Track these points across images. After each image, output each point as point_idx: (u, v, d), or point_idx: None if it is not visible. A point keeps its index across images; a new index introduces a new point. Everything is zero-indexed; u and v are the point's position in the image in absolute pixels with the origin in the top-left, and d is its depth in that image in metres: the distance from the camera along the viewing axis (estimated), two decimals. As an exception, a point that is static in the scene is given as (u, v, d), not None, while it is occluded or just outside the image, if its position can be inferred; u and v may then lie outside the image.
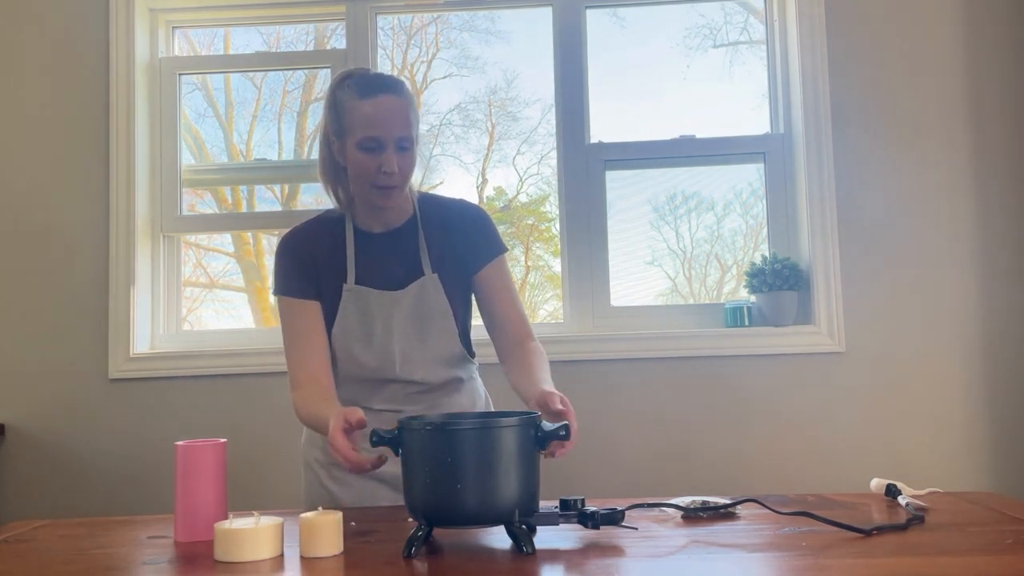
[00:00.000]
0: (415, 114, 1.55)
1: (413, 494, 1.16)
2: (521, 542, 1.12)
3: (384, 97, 1.51)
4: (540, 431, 1.17)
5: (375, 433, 1.21)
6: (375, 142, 1.50)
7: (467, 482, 1.12)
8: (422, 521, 1.15)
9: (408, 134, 1.51)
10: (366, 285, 1.58)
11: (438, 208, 1.65)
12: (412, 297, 1.58)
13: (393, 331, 1.57)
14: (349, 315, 1.58)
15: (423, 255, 1.60)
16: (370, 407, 1.61)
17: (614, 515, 1.19)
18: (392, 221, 1.62)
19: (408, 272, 1.59)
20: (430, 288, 1.58)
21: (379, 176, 1.51)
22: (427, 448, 1.14)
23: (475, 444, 1.12)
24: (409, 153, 1.53)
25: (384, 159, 1.50)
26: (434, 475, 1.13)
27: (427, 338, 1.59)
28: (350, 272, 1.59)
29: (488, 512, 1.13)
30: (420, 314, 1.58)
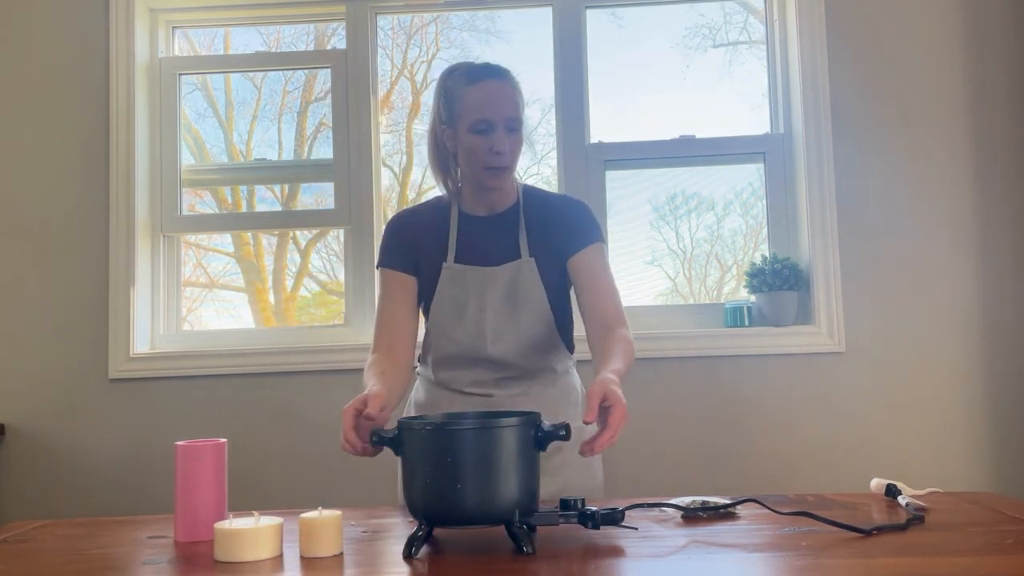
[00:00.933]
0: (521, 98, 1.61)
1: (413, 494, 1.16)
2: (521, 542, 1.12)
3: (491, 81, 1.58)
4: (540, 431, 1.17)
5: (375, 433, 1.22)
6: (486, 123, 1.55)
7: (467, 482, 1.12)
8: (422, 521, 1.15)
9: (516, 115, 1.57)
10: (465, 263, 1.62)
11: (541, 198, 1.69)
12: (507, 276, 1.61)
13: (486, 308, 1.60)
14: (445, 292, 1.62)
15: (522, 239, 1.63)
16: (461, 389, 1.65)
17: (614, 515, 1.19)
18: (497, 206, 1.66)
19: (506, 253, 1.63)
20: (525, 271, 1.61)
21: (491, 157, 1.56)
22: (427, 448, 1.14)
23: (474, 444, 1.12)
24: (517, 134, 1.58)
25: (495, 140, 1.55)
26: (434, 475, 1.13)
27: (520, 320, 1.61)
28: (451, 251, 1.63)
29: (488, 512, 1.13)
30: (514, 295, 1.61)
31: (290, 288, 2.80)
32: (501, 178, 1.59)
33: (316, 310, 2.83)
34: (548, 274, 1.63)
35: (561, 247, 1.64)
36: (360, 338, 2.57)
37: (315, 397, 2.49)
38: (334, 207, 2.65)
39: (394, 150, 2.76)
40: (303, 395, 2.50)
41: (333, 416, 2.49)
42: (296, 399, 2.50)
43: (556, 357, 1.67)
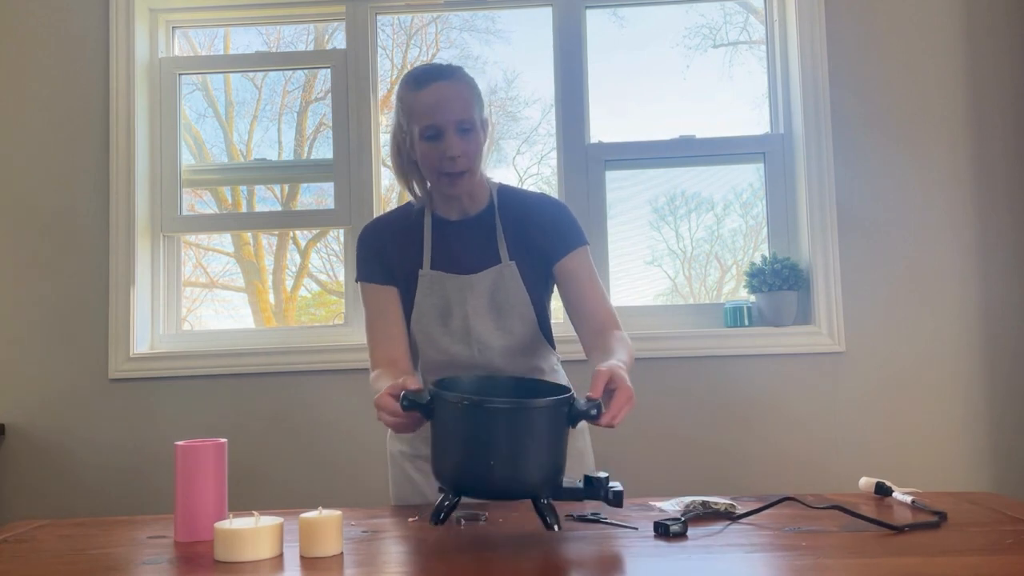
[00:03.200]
0: (476, 97, 1.55)
1: (443, 463, 1.17)
2: (548, 518, 1.14)
3: (437, 84, 1.52)
4: (573, 410, 1.17)
5: (406, 396, 1.21)
6: (434, 129, 1.51)
7: (499, 458, 1.13)
8: (450, 490, 1.16)
9: (467, 116, 1.52)
10: (442, 270, 1.59)
11: (517, 200, 1.65)
12: (488, 283, 1.58)
13: (469, 316, 1.58)
14: (426, 299, 1.59)
15: (500, 243, 1.60)
16: None
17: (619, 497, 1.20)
18: (469, 209, 1.62)
19: (484, 259, 1.60)
20: (507, 276, 1.58)
21: (444, 163, 1.52)
22: (461, 422, 1.14)
23: (510, 423, 1.13)
24: (472, 135, 1.53)
25: (447, 145, 1.51)
26: (467, 448, 1.14)
27: (505, 326, 1.59)
28: (426, 258, 1.60)
29: (517, 487, 1.14)
30: (497, 301, 1.58)
31: (290, 288, 2.80)
32: (459, 183, 1.54)
33: (316, 310, 2.83)
34: (529, 277, 1.60)
35: (544, 251, 1.61)
36: (360, 338, 2.56)
37: (315, 397, 2.50)
38: (334, 207, 2.65)
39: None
40: (303, 395, 2.50)
41: (333, 416, 2.50)
42: (296, 399, 2.50)
43: (542, 356, 1.66)
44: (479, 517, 1.37)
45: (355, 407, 2.49)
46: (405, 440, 1.68)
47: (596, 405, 1.18)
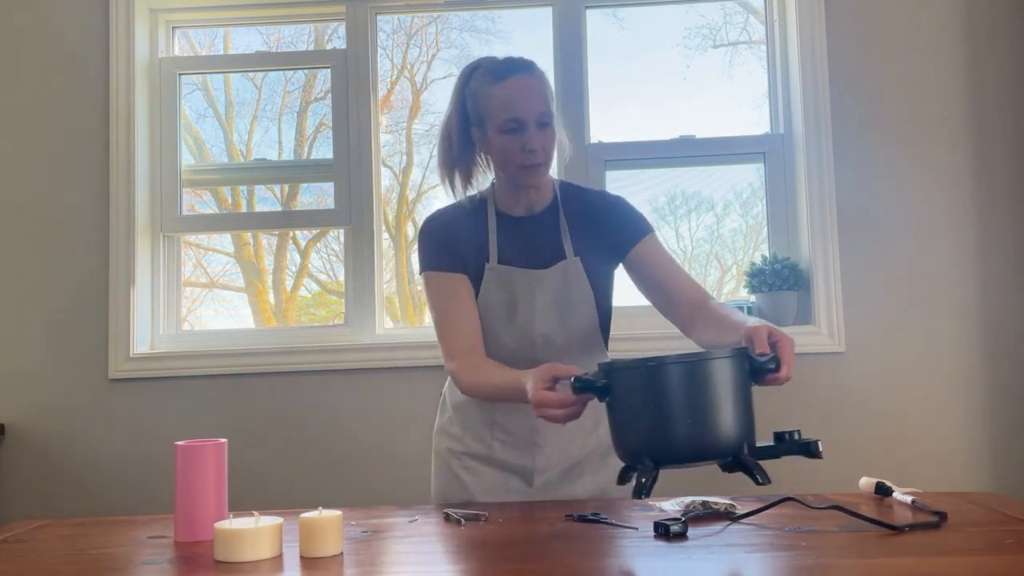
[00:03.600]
0: (550, 91, 1.56)
1: (633, 437, 1.14)
2: (758, 475, 1.11)
3: (517, 77, 1.52)
4: (753, 363, 1.16)
5: (578, 380, 1.19)
6: (516, 122, 1.51)
7: (698, 417, 1.11)
8: (647, 462, 1.12)
9: (546, 110, 1.52)
10: (509, 265, 1.58)
11: (578, 195, 1.65)
12: (556, 279, 1.57)
13: (535, 312, 1.57)
14: (491, 294, 1.58)
15: (565, 240, 1.59)
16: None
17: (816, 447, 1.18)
18: (535, 205, 1.61)
19: (551, 255, 1.59)
20: (573, 272, 1.58)
21: (524, 156, 1.52)
22: (649, 388, 1.12)
23: (702, 378, 1.11)
24: (549, 129, 1.53)
25: (527, 138, 1.51)
26: (660, 413, 1.11)
27: (569, 323, 1.58)
28: (492, 252, 1.59)
29: (719, 446, 1.12)
30: (563, 298, 1.57)
31: (290, 288, 2.80)
32: (537, 176, 1.55)
33: (316, 310, 2.83)
34: (593, 274, 1.59)
35: (611, 245, 1.60)
36: (360, 338, 2.57)
37: (315, 397, 2.49)
38: (334, 207, 2.65)
39: (394, 150, 2.76)
40: (303, 395, 2.50)
41: (333, 416, 2.50)
42: (296, 399, 2.50)
43: (598, 358, 1.64)
44: (479, 517, 1.37)
45: (355, 407, 2.49)
46: (455, 437, 1.66)
47: (773, 359, 1.16)
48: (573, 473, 1.62)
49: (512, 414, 1.60)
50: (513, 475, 1.62)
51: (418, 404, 2.48)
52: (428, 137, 2.76)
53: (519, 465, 1.61)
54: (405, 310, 2.74)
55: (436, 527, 1.32)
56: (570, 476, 1.62)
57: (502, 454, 1.61)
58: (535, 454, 1.60)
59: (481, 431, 1.63)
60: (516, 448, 1.61)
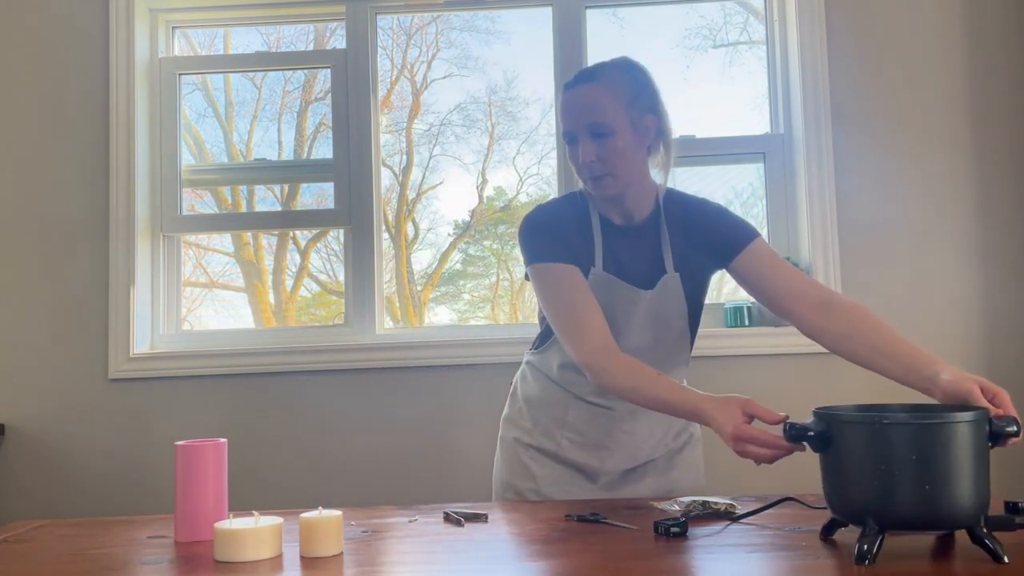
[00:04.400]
0: (619, 98, 1.48)
1: (858, 496, 1.07)
2: (997, 548, 1.03)
3: (579, 87, 1.50)
4: (994, 427, 1.08)
5: (792, 427, 1.14)
6: (569, 135, 1.51)
7: (935, 484, 1.03)
8: (871, 525, 1.05)
9: (599, 120, 1.47)
10: (612, 274, 1.55)
11: (681, 205, 1.60)
12: (656, 296, 1.55)
13: (632, 326, 1.55)
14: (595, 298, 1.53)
15: (666, 252, 1.57)
16: (582, 396, 1.60)
17: None
18: (634, 214, 1.57)
19: (652, 270, 1.56)
20: (671, 288, 1.55)
21: (582, 168, 1.51)
22: (881, 447, 1.05)
23: (942, 442, 1.03)
24: (608, 140, 1.47)
25: (581, 149, 1.49)
26: (894, 477, 1.04)
27: (661, 339, 1.57)
28: (598, 256, 1.56)
29: (955, 516, 1.04)
30: (659, 313, 1.56)
31: (290, 288, 2.80)
32: (602, 187, 1.50)
33: (316, 310, 2.83)
34: (690, 286, 1.57)
35: (713, 253, 1.56)
36: (360, 338, 2.57)
37: (315, 397, 2.49)
38: (334, 207, 2.65)
39: (394, 150, 2.76)
40: (303, 395, 2.50)
41: (333, 416, 2.50)
42: (296, 399, 2.50)
43: (677, 373, 1.63)
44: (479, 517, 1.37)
45: (355, 407, 2.49)
46: (525, 429, 1.65)
47: (1013, 421, 1.09)
48: (637, 473, 1.62)
49: (585, 416, 1.60)
50: (579, 472, 1.62)
51: (418, 404, 2.48)
52: (428, 137, 2.76)
53: (585, 464, 1.61)
54: (405, 310, 2.74)
55: (436, 527, 1.32)
56: (634, 476, 1.62)
57: (570, 452, 1.61)
58: (603, 457, 1.61)
59: (551, 428, 1.63)
60: (585, 449, 1.61)
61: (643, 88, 1.54)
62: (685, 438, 1.68)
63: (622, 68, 1.54)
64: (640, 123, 1.50)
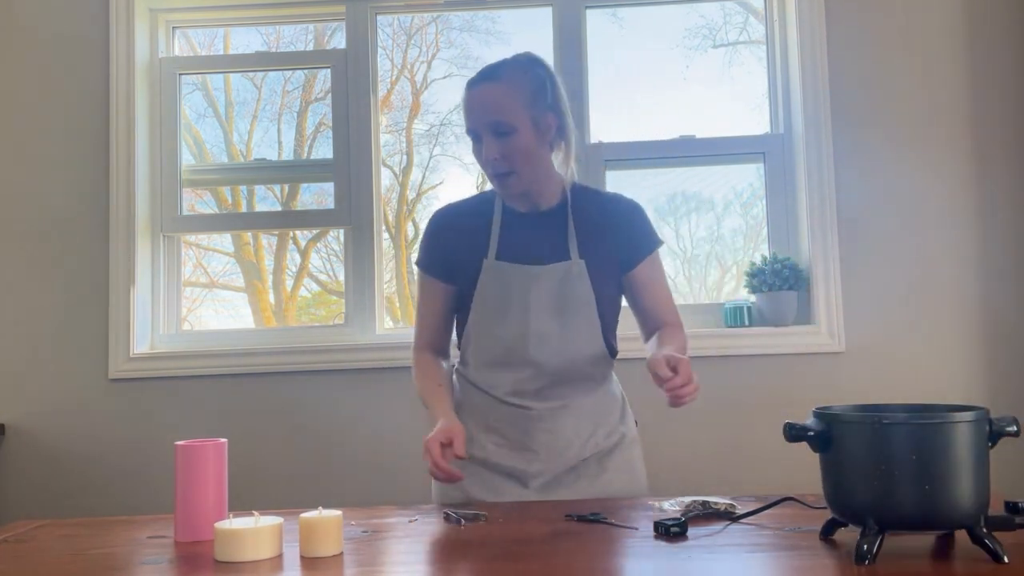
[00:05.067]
0: (520, 97, 1.51)
1: (859, 497, 1.07)
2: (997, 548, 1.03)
3: (481, 86, 1.54)
4: (994, 426, 1.08)
5: (792, 427, 1.12)
6: (472, 133, 1.55)
7: (935, 484, 1.03)
8: (871, 525, 1.05)
9: (502, 119, 1.50)
10: (508, 261, 1.58)
11: (593, 199, 1.65)
12: (554, 278, 1.56)
13: (531, 308, 1.56)
14: (487, 290, 1.58)
15: (570, 240, 1.59)
16: (500, 397, 1.61)
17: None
18: (540, 204, 1.61)
19: (553, 253, 1.59)
20: (574, 273, 1.56)
21: (487, 165, 1.54)
22: (881, 447, 1.05)
23: (943, 442, 1.03)
24: (511, 138, 1.51)
25: (484, 148, 1.53)
26: (892, 475, 1.04)
27: (566, 325, 1.57)
28: (492, 248, 1.59)
29: (955, 516, 1.04)
30: (561, 298, 1.56)
31: (290, 288, 2.80)
32: (507, 185, 1.55)
33: (316, 310, 2.83)
34: (598, 278, 1.58)
35: (618, 256, 1.61)
36: (360, 338, 2.57)
37: (315, 397, 2.49)
38: (334, 207, 2.65)
39: (394, 150, 2.76)
40: (303, 395, 2.50)
41: (333, 416, 2.50)
42: (296, 399, 2.50)
43: (597, 365, 1.63)
44: (479, 517, 1.37)
45: (355, 407, 2.49)
46: None
47: (1013, 420, 1.08)
48: (569, 478, 1.61)
49: (506, 418, 1.60)
50: (509, 479, 1.61)
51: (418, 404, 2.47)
52: (428, 137, 2.76)
53: (513, 467, 1.60)
54: (405, 310, 2.74)
55: (436, 527, 1.32)
56: (566, 481, 1.61)
57: (497, 457, 1.61)
58: (529, 459, 1.60)
59: (477, 434, 1.63)
60: (511, 452, 1.61)
61: (543, 86, 1.55)
62: (616, 439, 1.65)
63: (523, 67, 1.55)
64: (541, 121, 1.54)
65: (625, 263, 1.62)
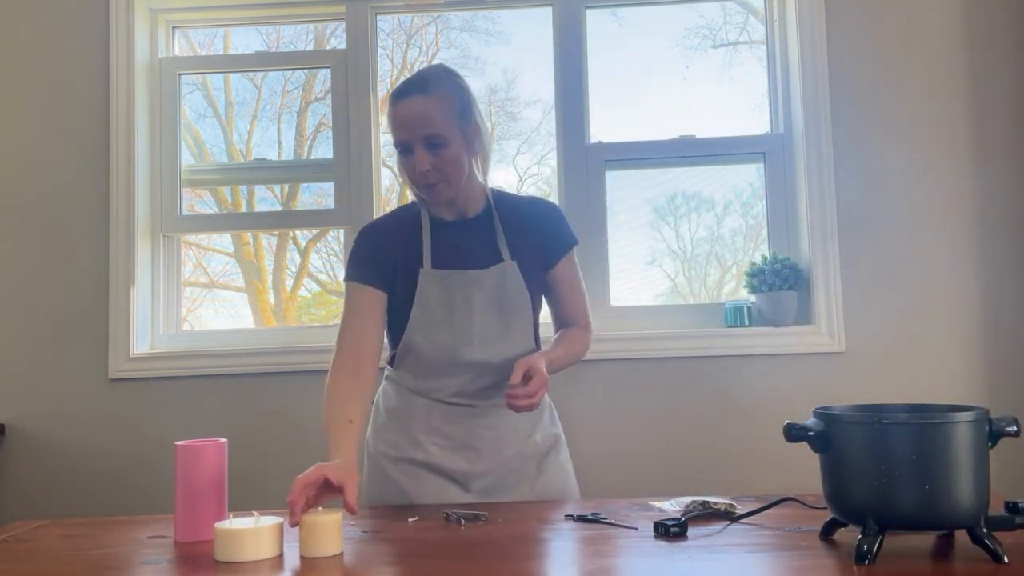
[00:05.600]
0: (453, 109, 1.55)
1: (859, 496, 1.07)
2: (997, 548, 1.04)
3: (409, 99, 1.54)
4: (993, 426, 1.08)
5: (792, 427, 1.12)
6: (403, 145, 1.55)
7: (935, 484, 1.03)
8: (871, 525, 1.05)
9: (435, 132, 1.52)
10: (445, 268, 1.60)
11: (512, 203, 1.69)
12: (493, 280, 1.59)
13: (474, 311, 1.59)
14: (429, 297, 1.59)
15: (501, 243, 1.62)
16: (443, 399, 1.63)
17: None
18: (466, 211, 1.64)
19: (487, 257, 1.61)
20: (510, 274, 1.60)
21: (417, 177, 1.55)
22: (881, 447, 1.05)
23: (943, 442, 1.04)
24: (444, 150, 1.53)
25: (416, 160, 1.53)
26: (892, 475, 1.04)
27: (507, 325, 1.61)
28: (426, 257, 1.60)
29: (955, 516, 1.04)
30: (501, 299, 1.60)
31: (290, 288, 2.80)
32: (437, 193, 1.56)
33: (316, 310, 2.83)
34: (529, 278, 1.62)
35: (542, 253, 1.66)
36: (360, 338, 2.56)
37: (315, 397, 2.49)
38: (334, 207, 2.65)
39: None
40: (303, 395, 2.50)
41: (333, 416, 2.49)
42: (296, 399, 2.50)
43: None
44: (479, 517, 1.37)
45: (355, 407, 2.49)
46: (390, 442, 1.67)
47: (1013, 420, 1.08)
48: (509, 480, 1.62)
49: (448, 417, 1.62)
50: (451, 482, 1.62)
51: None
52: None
53: (455, 469, 1.61)
54: (405, 310, 2.74)
55: (436, 527, 1.33)
56: (506, 484, 1.62)
57: (439, 458, 1.61)
58: (472, 458, 1.61)
59: (417, 436, 1.64)
60: (453, 452, 1.62)
61: (468, 99, 1.60)
62: (552, 440, 1.68)
63: (449, 80, 1.59)
64: (468, 132, 1.57)
65: (546, 262, 1.67)
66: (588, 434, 2.43)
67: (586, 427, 2.43)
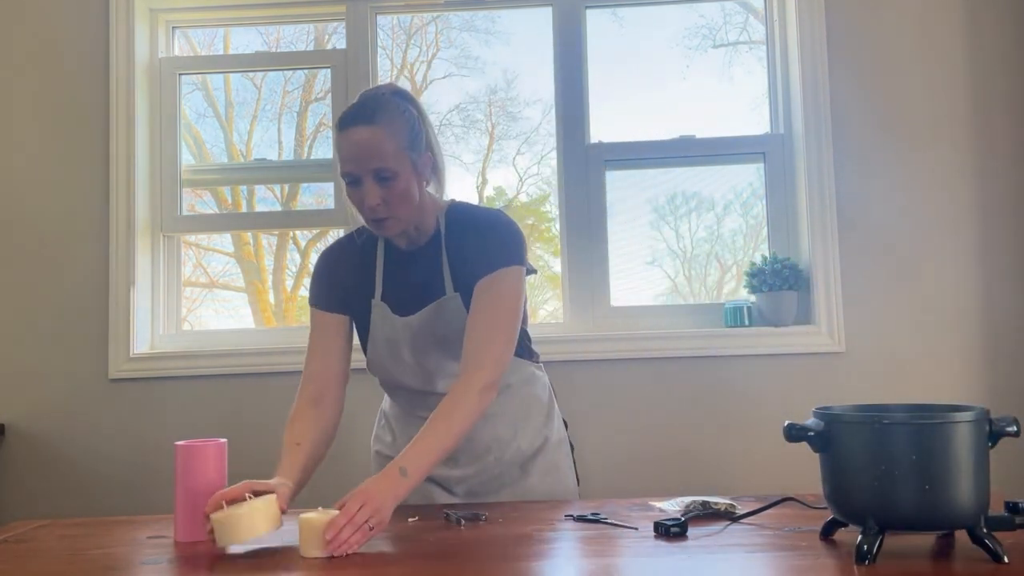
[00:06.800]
0: (400, 140, 1.46)
1: (858, 497, 1.07)
2: (997, 548, 1.03)
3: (355, 129, 1.44)
4: (993, 427, 1.07)
5: (792, 427, 1.12)
6: (350, 177, 1.46)
7: (935, 484, 1.03)
8: (871, 525, 1.05)
9: (384, 165, 1.44)
10: (390, 303, 1.58)
11: (465, 219, 1.59)
12: (429, 319, 1.55)
13: (419, 353, 1.57)
14: (378, 333, 1.59)
15: (445, 273, 1.56)
16: (413, 412, 1.65)
17: None
18: (419, 239, 1.59)
19: (429, 292, 1.57)
20: (450, 308, 1.54)
21: (365, 210, 1.48)
22: (881, 447, 1.05)
23: (943, 443, 1.03)
24: (393, 183, 1.45)
25: (364, 192, 1.46)
26: (892, 475, 1.04)
27: (454, 353, 1.56)
28: (378, 287, 1.59)
29: (955, 516, 1.04)
30: (444, 334, 1.56)
31: (290, 288, 2.80)
32: (385, 228, 1.49)
33: (316, 310, 2.83)
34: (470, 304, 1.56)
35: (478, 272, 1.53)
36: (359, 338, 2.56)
37: (315, 397, 2.49)
38: (334, 207, 2.65)
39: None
40: (303, 395, 2.50)
41: (333, 416, 2.49)
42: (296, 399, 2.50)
43: (511, 372, 1.62)
44: (479, 517, 1.37)
45: (355, 407, 2.49)
46: (384, 442, 1.71)
47: (1014, 421, 1.08)
48: (493, 485, 1.62)
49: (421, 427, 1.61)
50: (435, 485, 1.63)
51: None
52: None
53: (435, 474, 1.62)
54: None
55: (436, 527, 1.33)
56: (489, 487, 1.62)
57: None
58: (450, 465, 1.62)
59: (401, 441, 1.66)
60: None
61: (418, 126, 1.51)
62: (539, 443, 1.64)
63: (398, 107, 1.49)
64: (419, 162, 1.50)
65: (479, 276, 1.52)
66: (588, 434, 2.43)
67: (586, 427, 2.43)
